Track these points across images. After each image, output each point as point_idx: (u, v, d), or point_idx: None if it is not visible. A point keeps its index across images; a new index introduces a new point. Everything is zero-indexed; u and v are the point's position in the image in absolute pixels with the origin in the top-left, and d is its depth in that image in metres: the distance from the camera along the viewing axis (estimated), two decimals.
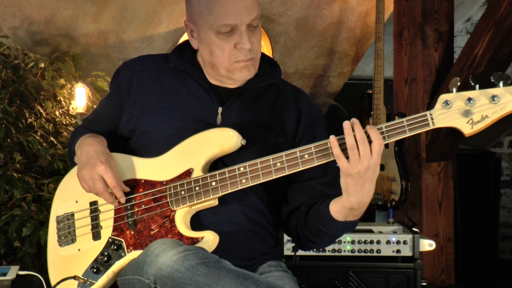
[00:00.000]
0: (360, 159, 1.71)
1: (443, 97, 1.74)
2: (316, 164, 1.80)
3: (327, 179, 1.99)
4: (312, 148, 1.80)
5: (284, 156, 1.83)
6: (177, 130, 1.98)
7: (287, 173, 1.83)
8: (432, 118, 1.74)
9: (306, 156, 1.81)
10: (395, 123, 1.76)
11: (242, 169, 1.86)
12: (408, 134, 1.76)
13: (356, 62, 5.09)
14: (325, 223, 1.88)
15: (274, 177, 1.84)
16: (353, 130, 1.73)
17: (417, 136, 3.92)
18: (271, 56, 3.77)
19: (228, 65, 1.96)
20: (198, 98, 2.02)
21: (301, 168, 1.82)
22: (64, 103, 3.93)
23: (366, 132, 1.73)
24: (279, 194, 2.05)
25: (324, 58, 4.96)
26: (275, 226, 2.07)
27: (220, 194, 1.88)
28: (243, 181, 1.86)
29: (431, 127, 1.74)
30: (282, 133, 2.02)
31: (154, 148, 1.99)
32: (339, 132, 1.79)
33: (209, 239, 1.85)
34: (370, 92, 4.06)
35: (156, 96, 2.04)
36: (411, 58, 4.00)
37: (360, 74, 5.51)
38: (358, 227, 3.23)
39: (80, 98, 3.88)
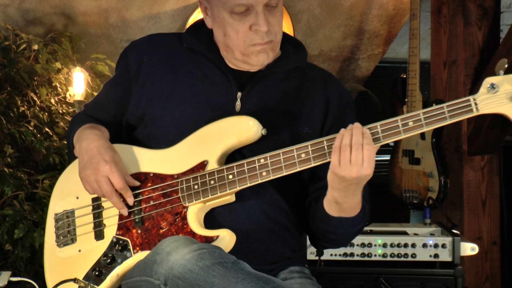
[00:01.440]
0: (351, 164, 1.76)
1: (488, 80, 1.74)
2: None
3: None
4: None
5: (309, 146, 1.84)
6: (190, 118, 2.00)
7: (313, 165, 1.84)
8: (476, 104, 1.75)
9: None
10: (434, 109, 1.77)
11: (262, 160, 1.87)
12: (449, 122, 1.77)
13: (388, 43, 5.07)
14: (323, 220, 1.95)
15: (298, 169, 1.85)
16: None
17: (458, 126, 3.91)
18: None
19: (244, 48, 1.97)
20: (215, 82, 2.04)
21: (329, 160, 1.83)
22: (60, 90, 3.96)
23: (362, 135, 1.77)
24: (303, 191, 2.07)
25: (352, 38, 4.95)
26: (298, 227, 2.09)
27: (238, 188, 1.90)
28: (264, 174, 1.88)
29: (475, 113, 1.75)
30: (308, 122, 2.03)
31: (164, 137, 2.01)
32: (369, 122, 1.82)
33: (225, 238, 1.87)
34: (404, 76, 4.06)
35: (167, 79, 2.05)
36: (451, 38, 3.99)
37: (392, 56, 5.52)
38: (391, 229, 3.34)
39: (78, 84, 3.90)
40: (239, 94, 2.02)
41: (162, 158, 2.00)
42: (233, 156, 1.97)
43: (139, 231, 1.97)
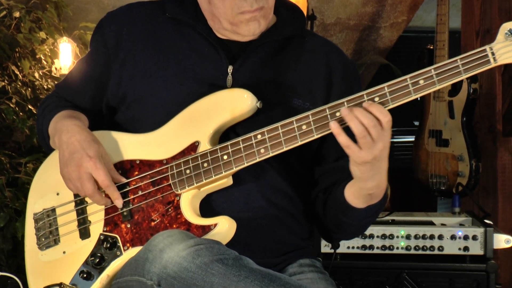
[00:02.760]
0: (374, 142, 1.75)
1: (506, 25, 1.72)
2: None
3: None
4: (345, 103, 1.81)
5: (310, 116, 1.83)
6: (177, 96, 1.99)
7: (316, 136, 1.83)
8: (493, 53, 1.74)
9: (338, 114, 1.82)
10: (447, 63, 1.76)
11: (259, 136, 1.87)
12: (464, 76, 1.75)
13: (414, 9, 5.05)
14: (345, 213, 1.94)
15: (300, 143, 1.85)
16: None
17: (492, 104, 3.91)
18: (304, 3, 3.75)
19: (231, 17, 1.96)
20: (203, 55, 2.03)
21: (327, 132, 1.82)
22: (45, 63, 3.93)
23: (367, 111, 1.76)
24: (306, 172, 2.07)
25: (372, 4, 4.92)
26: (305, 213, 2.10)
27: (234, 169, 1.89)
28: (262, 151, 1.87)
29: (492, 64, 1.73)
30: (309, 97, 2.03)
31: (150, 119, 2.01)
32: None
33: (224, 227, 1.87)
34: (432, 47, 4.06)
35: (150, 54, 2.04)
36: (484, 4, 3.98)
37: (418, 25, 5.49)
38: (415, 218, 3.37)
39: (65, 56, 3.88)
40: (230, 68, 2.01)
41: (148, 142, 2.00)
42: (227, 135, 1.96)
43: (129, 226, 1.97)
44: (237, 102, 1.93)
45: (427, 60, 4.06)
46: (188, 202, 1.93)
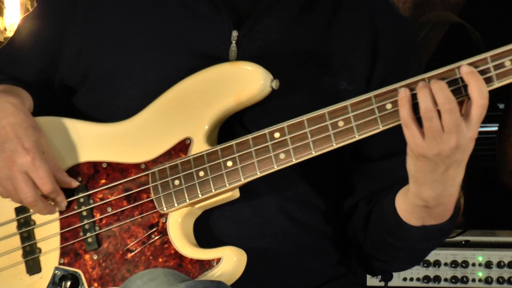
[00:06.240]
0: (445, 133, 1.68)
1: None
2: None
3: None
4: (399, 90, 1.76)
5: (349, 107, 1.79)
6: (160, 73, 1.99)
7: (357, 138, 1.80)
8: None
9: (389, 106, 1.77)
10: None
11: (277, 134, 1.83)
12: None
13: None
14: (393, 231, 1.89)
15: (335, 146, 1.82)
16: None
17: None
18: None
19: None
20: (197, 14, 2.03)
21: (382, 129, 1.79)
22: None
23: (460, 82, 1.70)
24: (342, 176, 2.07)
25: None
26: (341, 231, 2.10)
27: (243, 181, 1.86)
28: (281, 156, 1.83)
29: None
30: (346, 73, 2.01)
31: (122, 106, 2.00)
32: None
33: (231, 262, 1.83)
34: None
35: (121, 14, 2.06)
36: None
37: None
38: (498, 239, 3.40)
39: (11, 13, 3.94)
40: (234, 33, 1.98)
41: (119, 137, 1.98)
42: (231, 128, 1.95)
43: (95, 257, 1.94)
44: (243, 81, 1.90)
45: None
46: (178, 225, 1.89)
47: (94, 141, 1.99)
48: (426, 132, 1.69)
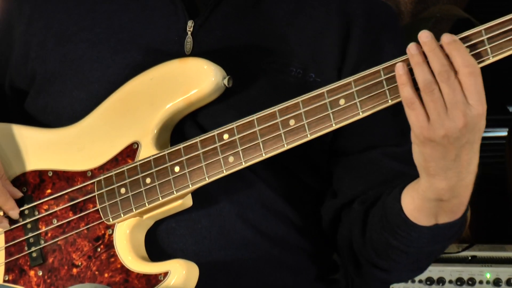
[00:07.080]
0: (448, 111, 1.60)
1: None
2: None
3: (404, 148, 1.85)
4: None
5: (301, 103, 1.76)
6: (107, 72, 1.96)
7: (309, 138, 1.76)
8: None
9: (342, 101, 1.73)
10: None
11: (226, 135, 1.80)
12: None
13: None
14: (398, 233, 1.82)
15: (287, 147, 1.77)
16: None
17: None
18: None
19: None
20: (149, 5, 2.02)
21: (335, 127, 1.73)
22: None
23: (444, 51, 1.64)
24: (315, 177, 2.02)
25: None
26: (318, 241, 2.05)
27: (191, 188, 1.83)
28: (230, 159, 1.80)
29: None
30: (314, 65, 1.97)
31: (68, 107, 1.98)
32: None
33: (179, 275, 1.80)
34: None
35: (68, 9, 2.05)
36: None
37: None
38: (508, 254, 3.42)
39: None
40: (190, 23, 1.97)
41: (64, 143, 1.96)
42: (182, 130, 1.92)
43: (40, 273, 1.93)
44: (192, 80, 1.87)
45: None
46: (126, 237, 1.87)
47: (40, 148, 1.98)
48: (429, 109, 1.63)
